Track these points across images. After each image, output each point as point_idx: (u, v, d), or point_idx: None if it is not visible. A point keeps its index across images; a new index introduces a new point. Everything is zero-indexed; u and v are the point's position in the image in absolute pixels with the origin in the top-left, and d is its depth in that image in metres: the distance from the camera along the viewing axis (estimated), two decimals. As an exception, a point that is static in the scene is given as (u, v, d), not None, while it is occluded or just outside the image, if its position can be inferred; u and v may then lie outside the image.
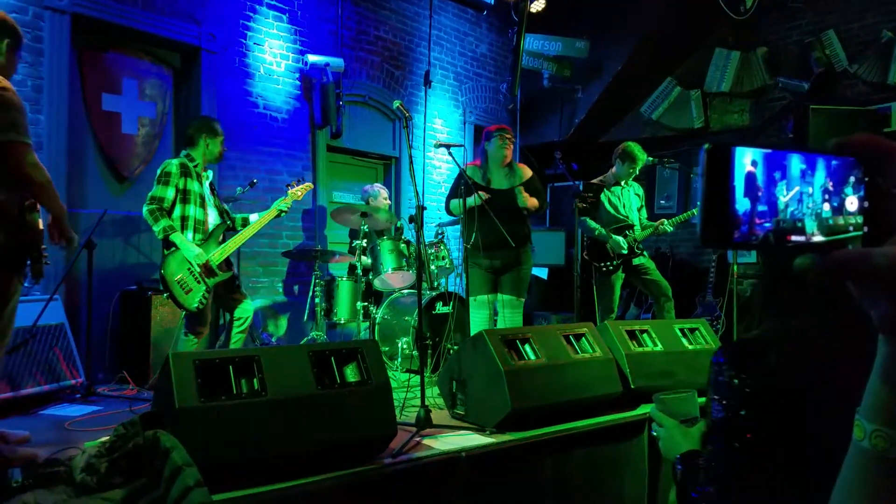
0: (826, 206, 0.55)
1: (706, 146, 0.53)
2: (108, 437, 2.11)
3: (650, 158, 5.20)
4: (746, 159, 0.53)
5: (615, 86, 7.29)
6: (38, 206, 2.72)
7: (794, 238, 0.54)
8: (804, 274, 0.52)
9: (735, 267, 5.52)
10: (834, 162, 0.55)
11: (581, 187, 4.99)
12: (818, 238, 0.54)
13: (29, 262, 2.71)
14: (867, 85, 6.22)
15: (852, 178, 0.55)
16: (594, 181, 5.21)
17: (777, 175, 0.54)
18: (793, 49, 6.70)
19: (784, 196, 0.54)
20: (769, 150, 0.54)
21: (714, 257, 6.44)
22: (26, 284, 2.84)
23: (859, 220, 0.55)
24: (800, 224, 0.54)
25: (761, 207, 0.53)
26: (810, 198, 0.54)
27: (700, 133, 7.16)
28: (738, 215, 0.53)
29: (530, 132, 7.94)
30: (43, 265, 2.75)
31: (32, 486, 2.04)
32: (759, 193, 0.53)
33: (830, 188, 0.55)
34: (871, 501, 0.53)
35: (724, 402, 1.06)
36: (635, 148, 5.05)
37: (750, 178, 0.53)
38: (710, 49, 7.08)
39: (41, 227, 2.77)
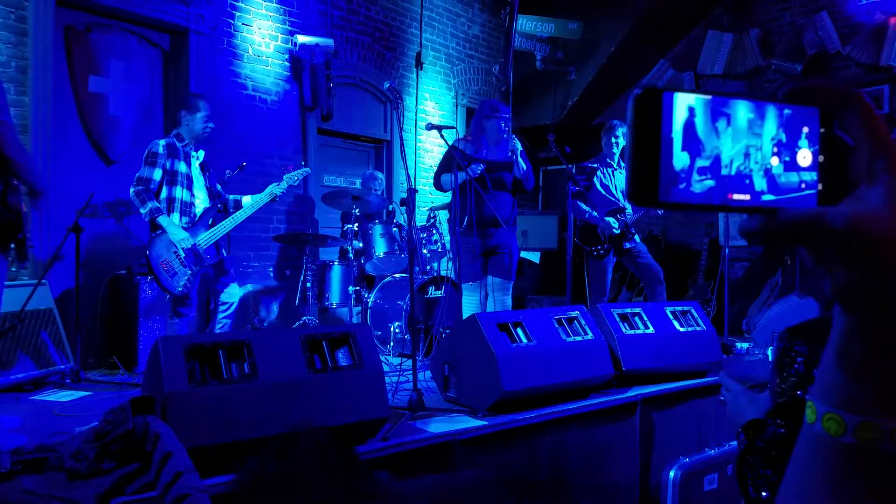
0: (776, 161, 0.49)
1: (634, 92, 0.47)
2: (97, 423, 2.09)
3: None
4: (683, 107, 0.47)
5: (608, 68, 7.24)
6: (21, 188, 2.68)
7: (738, 197, 0.48)
8: (751, 237, 0.47)
9: (727, 250, 5.53)
10: (787, 111, 0.49)
11: (574, 170, 4.97)
12: (767, 197, 0.48)
13: (13, 245, 2.68)
14: (860, 67, 6.20)
15: (806, 129, 0.49)
16: (587, 164, 5.19)
17: (721, 125, 0.48)
18: (786, 31, 6.67)
19: (729, 150, 0.48)
20: (711, 97, 0.47)
21: (706, 241, 6.45)
22: (13, 269, 2.81)
23: (813, 176, 0.49)
24: (747, 181, 0.48)
25: (702, 162, 0.47)
26: (759, 152, 0.48)
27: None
28: (675, 171, 0.46)
29: (523, 114, 7.89)
30: (27, 248, 2.72)
31: (21, 473, 2.02)
32: (700, 147, 0.47)
33: (782, 141, 0.49)
34: (823, 488, 0.49)
35: (790, 383, 1.03)
36: (614, 121, 5.13)
37: (689, 128, 0.47)
38: (704, 31, 7.04)
39: (25, 208, 2.74)
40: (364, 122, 6.52)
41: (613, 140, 5.07)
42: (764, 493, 1.09)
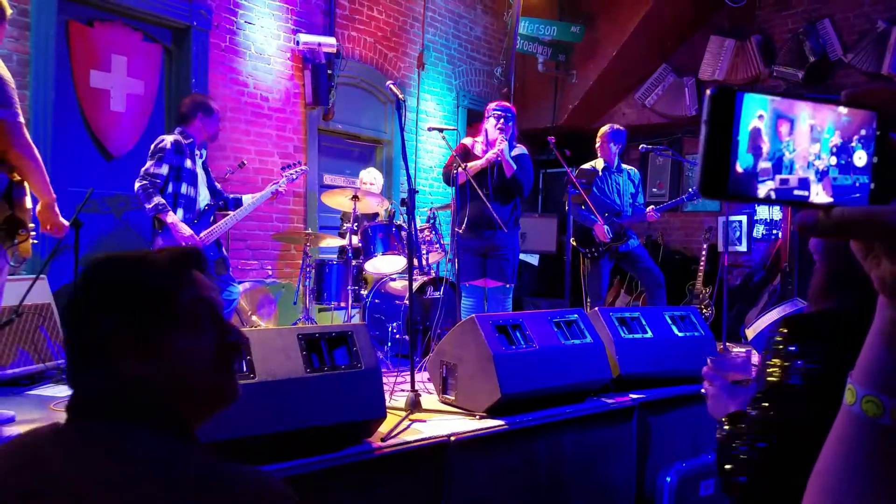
0: (833, 162, 0.52)
1: (710, 91, 0.50)
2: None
3: (650, 145, 5.18)
4: (752, 111, 0.50)
5: (610, 72, 7.25)
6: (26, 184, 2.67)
7: (796, 194, 0.51)
8: (805, 232, 0.51)
9: (725, 256, 5.53)
10: (845, 118, 0.52)
11: (574, 173, 4.97)
12: (822, 198, 0.51)
13: (16, 241, 2.67)
14: (862, 75, 6.21)
15: (863, 132, 0.52)
16: (586, 167, 5.20)
17: (784, 129, 0.51)
18: (788, 38, 6.68)
19: (790, 153, 0.51)
20: (778, 101, 0.51)
21: (705, 246, 6.45)
22: (12, 263, 2.80)
23: (866, 179, 0.52)
24: (804, 183, 0.52)
25: (764, 164, 0.50)
26: (817, 155, 0.52)
27: (694, 121, 7.15)
28: (738, 172, 0.50)
29: (524, 117, 7.88)
30: (30, 243, 2.71)
31: (17, 467, 2.01)
32: (764, 150, 0.50)
33: (839, 145, 0.52)
34: (860, 467, 0.52)
35: (778, 372, 1.07)
36: (604, 127, 5.16)
37: (756, 132, 0.50)
38: (706, 36, 7.05)
39: (29, 205, 2.73)
40: (365, 121, 6.51)
41: (604, 147, 5.11)
42: (743, 478, 1.13)
